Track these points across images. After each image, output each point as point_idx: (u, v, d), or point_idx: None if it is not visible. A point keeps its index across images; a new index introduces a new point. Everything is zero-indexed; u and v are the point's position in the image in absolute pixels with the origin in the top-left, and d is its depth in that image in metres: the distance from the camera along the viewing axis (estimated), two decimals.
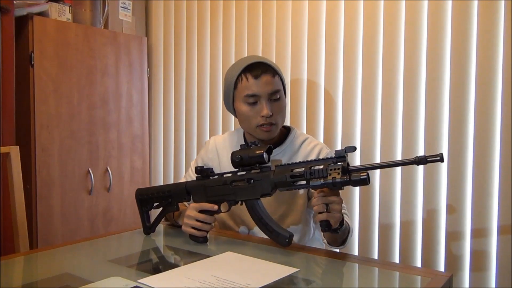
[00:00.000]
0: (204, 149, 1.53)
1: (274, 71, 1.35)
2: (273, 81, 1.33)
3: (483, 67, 1.60)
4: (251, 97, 1.32)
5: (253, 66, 1.33)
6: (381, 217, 1.84)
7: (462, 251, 1.67)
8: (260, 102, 1.32)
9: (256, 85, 1.32)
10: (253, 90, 1.32)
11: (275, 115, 1.33)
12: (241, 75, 1.34)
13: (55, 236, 2.16)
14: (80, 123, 2.25)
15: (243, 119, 1.37)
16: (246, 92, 1.33)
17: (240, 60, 1.40)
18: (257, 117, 1.33)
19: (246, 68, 1.33)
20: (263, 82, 1.32)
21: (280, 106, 1.36)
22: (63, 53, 2.19)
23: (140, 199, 1.37)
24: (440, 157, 0.96)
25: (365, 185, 1.00)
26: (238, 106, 1.37)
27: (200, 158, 1.52)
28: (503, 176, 1.57)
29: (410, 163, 0.99)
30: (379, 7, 1.83)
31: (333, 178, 1.01)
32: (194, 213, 1.22)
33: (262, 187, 1.16)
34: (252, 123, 1.34)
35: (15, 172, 1.49)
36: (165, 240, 1.32)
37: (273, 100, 1.34)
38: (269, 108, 1.32)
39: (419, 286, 0.96)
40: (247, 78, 1.32)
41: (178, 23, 2.54)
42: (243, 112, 1.35)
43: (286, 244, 1.13)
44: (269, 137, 1.37)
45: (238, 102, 1.36)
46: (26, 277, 1.04)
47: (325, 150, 1.44)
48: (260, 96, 1.32)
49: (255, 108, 1.33)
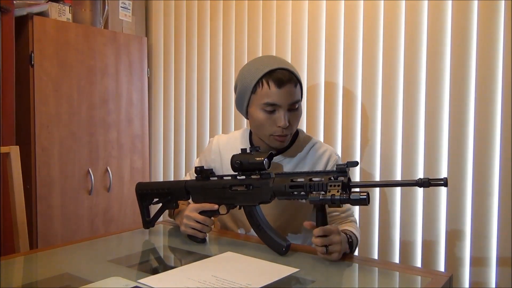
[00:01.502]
0: (207, 149, 1.48)
1: (297, 80, 1.27)
2: (294, 91, 1.26)
3: (483, 67, 1.60)
4: (270, 105, 1.24)
5: (276, 73, 1.24)
6: (381, 217, 1.84)
7: (462, 251, 1.67)
8: (279, 112, 1.25)
9: (278, 94, 1.23)
10: (274, 100, 1.24)
11: (291, 125, 1.27)
12: (262, 80, 1.24)
13: (55, 236, 2.16)
14: (80, 123, 2.25)
15: (257, 125, 1.29)
16: (266, 100, 1.24)
17: (260, 61, 1.30)
18: (273, 127, 1.26)
19: (268, 74, 1.24)
20: (286, 92, 1.24)
21: (297, 116, 1.30)
22: (63, 53, 2.19)
23: (140, 194, 1.37)
24: (444, 182, 0.94)
25: (364, 205, 0.98)
26: (253, 112, 1.28)
27: (203, 158, 1.48)
28: (503, 176, 1.57)
29: (412, 185, 0.98)
30: (379, 7, 1.83)
31: (332, 195, 0.99)
32: (194, 214, 1.22)
33: (261, 194, 1.15)
34: (267, 131, 1.28)
35: (15, 172, 1.49)
36: (165, 240, 1.32)
37: (291, 110, 1.27)
38: (287, 119, 1.25)
39: (419, 286, 0.96)
40: (269, 85, 1.23)
41: (178, 23, 2.54)
42: (259, 119, 1.27)
43: (283, 252, 1.12)
44: (282, 146, 1.31)
45: (254, 107, 1.28)
46: (26, 277, 1.04)
47: (334, 157, 1.38)
48: (280, 106, 1.24)
49: (272, 117, 1.25)
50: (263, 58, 1.32)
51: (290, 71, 1.26)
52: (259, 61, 1.30)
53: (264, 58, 1.31)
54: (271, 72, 1.24)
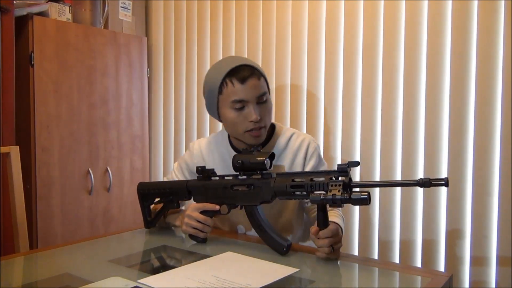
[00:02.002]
0: (188, 153, 1.46)
1: (259, 73, 1.30)
2: (259, 84, 1.28)
3: (483, 67, 1.60)
4: (238, 102, 1.27)
5: (238, 70, 1.27)
6: (381, 217, 1.84)
7: (462, 251, 1.67)
8: (248, 107, 1.27)
9: (243, 90, 1.26)
10: (241, 96, 1.26)
11: (263, 118, 1.29)
12: (225, 80, 1.27)
13: (55, 236, 2.16)
14: (80, 123, 2.25)
15: (230, 125, 1.31)
16: (233, 97, 1.26)
17: (221, 62, 1.33)
18: (245, 123, 1.28)
19: (230, 72, 1.27)
20: (250, 86, 1.26)
21: (268, 108, 1.31)
22: (63, 53, 2.19)
23: (142, 194, 1.37)
24: (445, 182, 0.94)
25: (365, 205, 0.99)
26: (224, 112, 1.30)
27: (183, 163, 1.46)
28: (503, 176, 1.57)
29: (413, 185, 0.98)
30: (379, 7, 1.83)
31: (333, 195, 0.99)
32: (195, 214, 1.22)
33: (262, 194, 1.15)
34: (240, 129, 1.29)
35: (15, 172, 1.49)
36: (165, 240, 1.32)
37: (260, 103, 1.29)
38: (258, 113, 1.27)
39: (419, 286, 0.96)
40: (233, 83, 1.26)
41: (178, 23, 2.54)
42: (231, 118, 1.29)
43: (283, 252, 1.12)
44: (258, 142, 1.32)
45: (224, 108, 1.30)
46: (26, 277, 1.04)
47: (312, 144, 1.40)
48: (248, 101, 1.27)
49: (242, 114, 1.28)
50: (223, 60, 1.34)
51: (251, 66, 1.29)
52: (220, 63, 1.33)
53: (224, 60, 1.34)
54: (232, 70, 1.27)
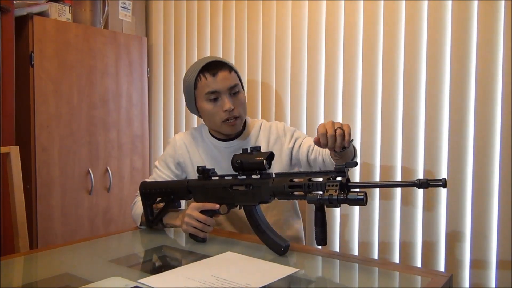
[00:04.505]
0: (171, 147, 1.54)
1: (229, 67, 1.43)
2: (230, 76, 1.42)
3: (483, 67, 1.60)
4: (212, 93, 1.40)
5: (210, 65, 1.41)
6: (381, 217, 1.84)
7: (462, 252, 1.67)
8: (221, 98, 1.40)
9: (214, 82, 1.39)
10: (213, 87, 1.39)
11: (237, 108, 1.41)
12: (199, 75, 1.41)
13: (55, 236, 2.16)
14: (80, 123, 2.25)
15: (207, 117, 1.44)
16: (207, 89, 1.40)
17: (196, 62, 1.47)
18: (221, 113, 1.40)
19: (203, 68, 1.41)
20: (221, 78, 1.40)
21: (241, 99, 1.44)
22: (63, 53, 2.19)
23: (144, 193, 1.38)
24: (442, 183, 0.94)
25: (361, 205, 0.99)
26: (201, 105, 1.44)
27: (168, 156, 1.53)
28: (503, 176, 1.57)
29: (411, 185, 0.98)
30: (379, 7, 1.83)
31: (329, 195, 0.99)
32: (195, 213, 1.22)
33: (260, 194, 1.15)
34: (216, 120, 1.42)
35: (15, 172, 1.49)
36: (165, 240, 1.32)
37: (233, 94, 1.42)
38: (231, 102, 1.40)
39: (419, 286, 0.96)
40: (206, 77, 1.40)
41: (178, 23, 2.54)
42: (207, 110, 1.42)
43: (281, 253, 1.12)
44: (235, 131, 1.45)
45: (200, 101, 1.43)
46: (26, 277, 1.04)
47: (279, 125, 1.54)
48: (221, 92, 1.40)
49: (217, 104, 1.41)
50: (198, 60, 1.48)
51: (222, 61, 1.44)
52: (195, 63, 1.47)
53: (199, 59, 1.48)
54: (205, 66, 1.41)
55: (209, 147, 1.50)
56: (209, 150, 1.50)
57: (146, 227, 1.41)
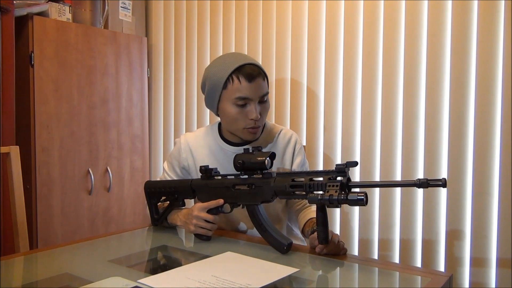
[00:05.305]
0: (176, 149, 1.48)
1: (264, 74, 1.35)
2: (264, 84, 1.33)
3: (483, 67, 1.60)
4: (242, 99, 1.30)
5: (246, 68, 1.30)
6: (381, 217, 1.84)
7: (462, 251, 1.67)
8: (250, 105, 1.31)
9: (249, 88, 1.29)
10: (246, 94, 1.29)
11: (262, 116, 1.34)
12: (232, 75, 1.29)
13: (55, 236, 2.16)
14: (80, 123, 2.25)
15: (230, 120, 1.34)
16: (238, 94, 1.29)
17: (226, 58, 1.34)
18: (246, 120, 1.32)
19: (238, 69, 1.29)
20: (256, 86, 1.30)
21: (266, 108, 1.37)
22: (63, 53, 2.19)
23: (149, 192, 1.39)
24: (442, 183, 0.94)
25: (361, 205, 0.99)
26: (225, 107, 1.33)
27: (173, 159, 1.48)
28: (503, 176, 1.57)
29: (411, 185, 0.98)
30: (379, 7, 1.83)
31: (330, 195, 1.00)
32: (203, 214, 1.23)
33: (262, 193, 1.16)
34: (239, 125, 1.33)
35: (15, 172, 1.49)
36: (166, 240, 1.32)
37: (261, 103, 1.33)
38: (259, 111, 1.31)
39: (419, 286, 0.96)
40: (240, 80, 1.29)
41: (178, 23, 2.54)
42: (231, 114, 1.32)
43: (284, 251, 1.13)
44: (254, 138, 1.38)
45: (226, 102, 1.33)
46: (26, 277, 1.04)
47: (298, 141, 1.48)
48: (252, 99, 1.30)
49: (244, 111, 1.31)
50: (228, 56, 1.36)
51: (258, 66, 1.33)
52: (225, 58, 1.35)
53: (229, 56, 1.36)
54: (240, 67, 1.29)
55: (216, 150, 1.43)
56: (217, 153, 1.42)
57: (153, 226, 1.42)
